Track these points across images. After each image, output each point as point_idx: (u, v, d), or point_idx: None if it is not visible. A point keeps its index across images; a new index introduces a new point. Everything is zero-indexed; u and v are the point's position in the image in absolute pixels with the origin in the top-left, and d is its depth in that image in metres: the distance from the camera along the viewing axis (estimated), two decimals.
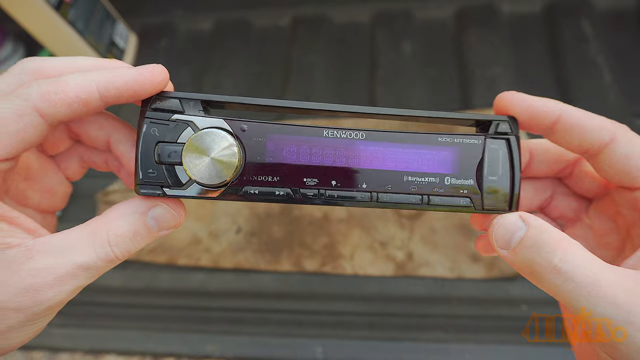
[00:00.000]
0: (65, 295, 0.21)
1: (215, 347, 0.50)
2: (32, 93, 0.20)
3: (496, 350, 0.47)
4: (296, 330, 0.51)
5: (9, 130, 0.20)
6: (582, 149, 0.23)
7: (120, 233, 0.22)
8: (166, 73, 0.22)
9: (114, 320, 0.53)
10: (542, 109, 0.23)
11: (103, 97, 0.21)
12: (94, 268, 0.21)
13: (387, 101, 0.63)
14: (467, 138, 0.24)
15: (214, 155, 0.22)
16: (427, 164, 0.24)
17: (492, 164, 0.24)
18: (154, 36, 0.73)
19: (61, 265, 0.20)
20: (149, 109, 0.23)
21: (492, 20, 0.66)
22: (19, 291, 0.20)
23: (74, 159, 0.27)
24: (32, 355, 0.52)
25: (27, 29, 0.58)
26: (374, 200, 0.23)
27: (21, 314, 0.20)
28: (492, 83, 0.62)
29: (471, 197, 0.24)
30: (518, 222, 0.21)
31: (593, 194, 0.27)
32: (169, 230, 0.23)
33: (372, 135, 0.24)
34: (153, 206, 0.23)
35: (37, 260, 0.20)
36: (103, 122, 0.25)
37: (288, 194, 0.23)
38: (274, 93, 0.66)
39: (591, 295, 0.19)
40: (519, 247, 0.21)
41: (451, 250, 0.52)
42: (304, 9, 0.72)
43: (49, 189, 0.26)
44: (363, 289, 0.52)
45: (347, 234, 0.54)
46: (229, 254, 0.54)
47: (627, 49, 0.62)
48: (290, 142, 0.23)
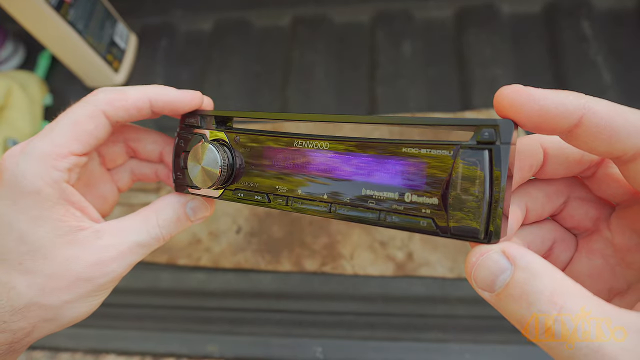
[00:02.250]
0: (125, 268, 0.26)
1: (215, 347, 0.51)
2: (100, 99, 0.26)
3: (496, 350, 0.47)
4: (296, 330, 0.51)
5: (85, 129, 0.25)
6: (612, 155, 0.18)
7: (166, 217, 0.28)
8: (201, 97, 0.28)
9: (114, 320, 0.53)
10: (559, 109, 0.18)
11: (153, 107, 0.27)
12: (147, 245, 0.27)
13: (387, 101, 0.63)
14: (436, 149, 0.20)
15: (204, 164, 0.26)
16: (387, 177, 0.21)
17: (464, 182, 0.19)
18: (154, 36, 0.73)
19: (123, 243, 0.26)
20: (182, 125, 0.29)
21: (492, 20, 0.66)
22: (90, 264, 0.25)
23: (126, 172, 0.32)
24: (32, 355, 0.52)
25: (27, 29, 0.58)
26: (333, 211, 0.23)
27: (90, 284, 0.25)
28: (492, 83, 0.62)
29: (434, 219, 0.20)
30: (501, 261, 0.17)
31: (619, 199, 0.22)
32: (201, 218, 0.29)
33: (336, 145, 0.23)
34: (191, 199, 0.29)
35: (105, 239, 0.25)
36: (156, 137, 0.31)
37: (264, 199, 0.26)
38: (274, 92, 0.66)
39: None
40: (504, 294, 0.17)
41: (451, 250, 0.52)
42: (304, 9, 0.72)
43: (103, 195, 0.31)
44: (363, 289, 0.52)
45: (347, 234, 0.54)
46: (229, 254, 0.55)
47: (627, 49, 0.62)
48: (267, 151, 0.26)
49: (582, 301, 0.16)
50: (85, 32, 0.61)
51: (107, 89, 0.27)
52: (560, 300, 0.16)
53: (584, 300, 0.16)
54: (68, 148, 0.25)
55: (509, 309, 0.17)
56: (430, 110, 0.61)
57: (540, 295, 0.16)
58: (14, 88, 0.63)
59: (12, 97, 0.63)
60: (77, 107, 0.25)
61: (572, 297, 0.16)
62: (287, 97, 0.65)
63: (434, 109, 0.61)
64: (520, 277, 0.17)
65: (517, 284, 0.17)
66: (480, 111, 0.59)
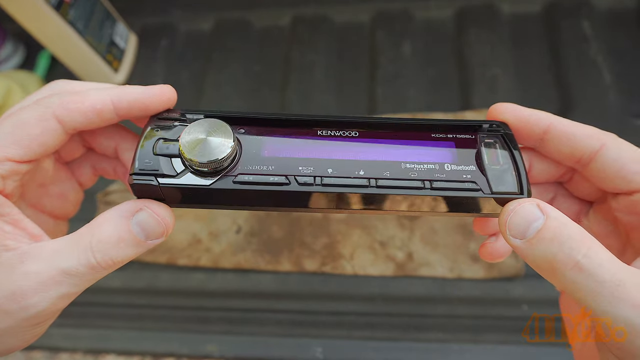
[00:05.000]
0: (50, 302, 0.20)
1: (215, 347, 0.50)
2: (53, 101, 0.22)
3: (496, 350, 0.47)
4: (296, 330, 0.51)
5: (30, 133, 0.21)
6: (574, 158, 0.24)
7: (102, 238, 0.21)
8: (173, 92, 0.24)
9: (114, 320, 0.53)
10: (533, 119, 0.24)
11: (116, 109, 0.23)
12: (77, 275, 0.21)
13: (387, 101, 0.63)
14: (459, 134, 0.24)
15: (211, 137, 0.22)
16: (424, 155, 0.23)
17: (490, 155, 0.23)
18: (154, 36, 0.73)
19: (46, 270, 0.20)
20: (155, 119, 0.24)
21: (492, 20, 0.66)
22: (7, 294, 0.20)
23: (86, 167, 0.28)
24: (32, 355, 0.52)
25: (27, 29, 0.58)
26: (373, 185, 0.22)
27: (10, 318, 0.20)
28: (492, 83, 0.62)
29: (476, 181, 0.22)
30: (535, 211, 0.20)
31: (593, 197, 0.27)
32: (156, 239, 0.22)
33: (366, 133, 0.24)
34: (137, 211, 0.22)
35: (27, 264, 0.20)
36: (112, 131, 0.27)
37: (283, 181, 0.22)
38: (274, 92, 0.66)
39: (614, 297, 0.18)
40: (536, 238, 0.20)
41: (451, 250, 0.52)
42: (304, 9, 0.72)
43: (62, 194, 0.27)
44: (363, 289, 0.52)
45: (347, 234, 0.54)
46: (228, 254, 0.54)
47: (627, 49, 0.62)
48: (286, 140, 0.23)
49: (603, 249, 0.19)
50: (85, 32, 0.61)
51: (65, 88, 0.24)
52: (588, 242, 0.19)
53: (604, 249, 0.19)
54: (4, 152, 0.21)
55: (540, 251, 0.20)
56: (430, 110, 0.61)
57: (571, 237, 0.19)
58: (14, 88, 0.63)
59: (11, 97, 0.63)
60: (27, 108, 0.22)
61: (596, 242, 0.19)
62: (287, 97, 0.65)
63: (433, 109, 0.61)
64: (552, 224, 0.20)
65: (549, 229, 0.20)
66: (480, 111, 0.59)
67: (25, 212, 0.22)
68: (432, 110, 0.61)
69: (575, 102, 0.59)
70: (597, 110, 0.58)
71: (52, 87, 0.24)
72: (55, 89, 0.24)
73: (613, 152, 0.22)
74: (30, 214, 0.26)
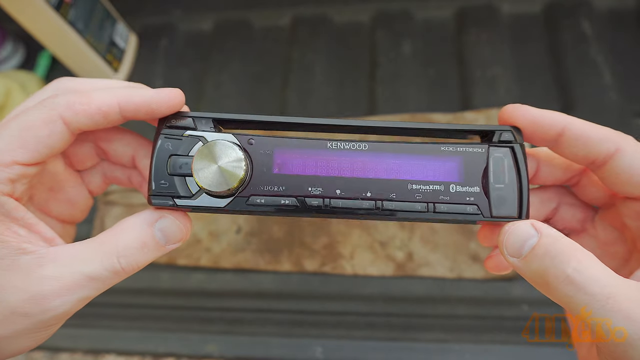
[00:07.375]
0: (71, 305, 0.21)
1: (215, 347, 0.50)
2: (59, 102, 0.22)
3: (496, 350, 0.47)
4: (296, 330, 0.51)
5: (36, 135, 0.21)
6: (588, 160, 0.23)
7: (127, 244, 0.22)
8: (182, 96, 0.24)
9: (114, 320, 0.53)
10: (547, 121, 0.23)
11: (122, 111, 0.23)
12: (100, 279, 0.22)
13: (386, 101, 0.63)
14: (470, 147, 0.24)
15: (221, 164, 0.22)
16: (431, 173, 0.24)
17: (497, 172, 0.24)
18: (154, 36, 0.73)
19: (69, 274, 0.21)
20: (164, 127, 0.24)
21: (492, 20, 0.66)
22: (28, 297, 0.20)
23: (98, 175, 0.28)
24: (32, 355, 0.52)
25: (27, 29, 0.58)
26: (378, 208, 0.23)
27: (28, 321, 0.21)
28: (492, 83, 0.62)
29: (478, 205, 0.23)
30: (530, 230, 0.21)
31: (600, 202, 0.27)
32: (176, 243, 0.24)
33: (375, 146, 0.24)
34: (160, 218, 0.23)
35: (47, 268, 0.21)
36: (130, 139, 0.27)
37: (293, 203, 0.23)
38: (274, 93, 0.66)
39: (605, 309, 0.18)
40: (530, 255, 0.21)
41: (451, 250, 0.52)
42: (304, 9, 0.72)
43: (71, 200, 0.27)
44: (363, 289, 0.52)
45: (347, 234, 0.54)
46: (228, 254, 0.54)
47: (627, 49, 0.62)
48: (295, 154, 0.24)
49: (594, 262, 0.20)
50: (85, 32, 0.61)
51: (70, 86, 0.24)
52: (579, 255, 0.20)
53: (596, 262, 0.20)
54: (12, 156, 0.21)
55: (534, 267, 0.21)
56: (430, 110, 0.61)
57: (562, 252, 0.20)
58: (14, 88, 0.63)
59: (11, 97, 0.63)
60: (32, 109, 0.22)
61: (587, 255, 0.20)
62: (287, 97, 0.65)
63: (434, 109, 0.61)
64: (545, 240, 0.21)
65: (542, 245, 0.20)
66: (480, 111, 0.59)
67: (34, 216, 0.23)
68: (432, 110, 0.61)
69: (575, 102, 0.59)
70: (597, 110, 0.58)
71: (57, 86, 0.24)
72: (59, 88, 0.24)
73: (628, 157, 0.22)
74: (39, 218, 0.25)
